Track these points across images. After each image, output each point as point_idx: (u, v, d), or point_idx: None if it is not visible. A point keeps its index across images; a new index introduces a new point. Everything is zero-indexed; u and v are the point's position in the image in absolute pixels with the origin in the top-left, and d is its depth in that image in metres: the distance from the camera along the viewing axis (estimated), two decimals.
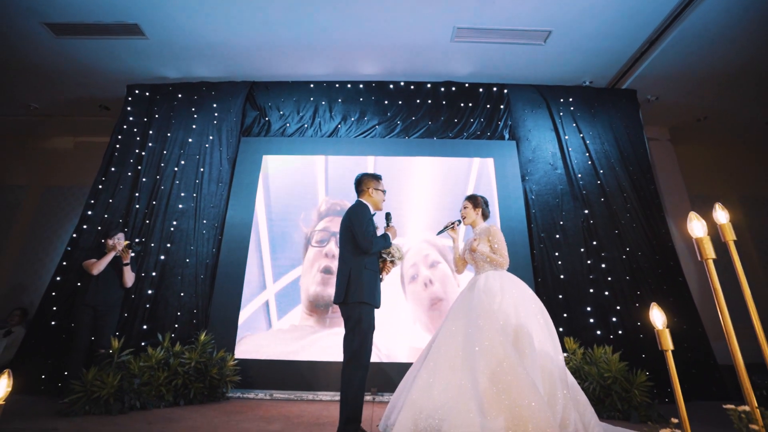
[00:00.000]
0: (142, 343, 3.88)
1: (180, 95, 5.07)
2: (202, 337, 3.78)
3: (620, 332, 4.03)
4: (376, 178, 2.64)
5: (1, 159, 6.53)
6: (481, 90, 5.13)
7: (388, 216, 2.65)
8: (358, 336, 2.23)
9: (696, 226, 1.14)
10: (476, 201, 2.78)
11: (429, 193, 4.73)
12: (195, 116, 4.95)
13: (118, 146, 4.81)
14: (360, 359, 2.21)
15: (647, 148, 5.00)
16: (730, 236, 1.12)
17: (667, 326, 1.21)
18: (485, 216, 2.80)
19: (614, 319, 4.10)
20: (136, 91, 5.12)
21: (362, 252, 2.35)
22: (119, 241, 3.76)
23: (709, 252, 1.08)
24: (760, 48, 4.54)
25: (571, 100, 5.09)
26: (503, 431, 1.83)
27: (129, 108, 5.03)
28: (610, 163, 4.78)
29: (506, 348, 2.07)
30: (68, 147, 6.68)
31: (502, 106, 5.10)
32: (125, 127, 4.93)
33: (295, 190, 4.73)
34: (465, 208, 2.79)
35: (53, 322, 4.04)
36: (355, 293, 2.26)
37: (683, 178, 6.06)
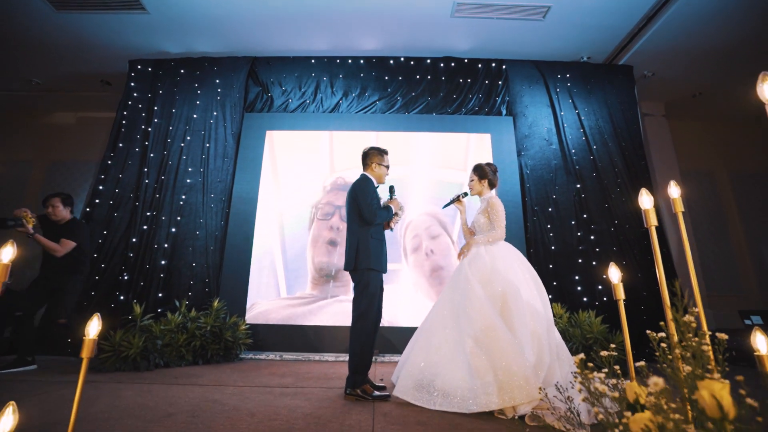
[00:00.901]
0: (158, 310, 4.17)
1: (182, 71, 5.12)
2: (215, 303, 4.06)
3: (605, 299, 4.33)
4: (382, 153, 2.78)
5: (5, 135, 6.60)
6: (480, 66, 5.20)
7: (391, 189, 2.81)
8: (366, 298, 2.48)
9: (645, 200, 1.34)
10: (482, 171, 2.83)
11: (429, 167, 4.90)
12: (198, 92, 5.03)
13: (124, 122, 4.91)
14: (367, 318, 2.47)
15: (640, 124, 5.13)
16: (679, 208, 1.33)
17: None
18: (492, 185, 2.84)
19: (600, 287, 4.39)
20: (139, 67, 5.16)
21: (367, 223, 2.55)
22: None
23: (653, 221, 1.29)
24: (756, 25, 4.60)
25: (568, 76, 5.17)
26: (489, 387, 2.03)
27: (132, 84, 5.09)
28: (604, 138, 4.93)
29: (490, 314, 2.27)
30: (71, 122, 6.74)
31: (500, 82, 5.18)
32: (130, 103, 5.01)
33: (301, 165, 4.89)
34: (471, 180, 2.86)
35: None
36: (364, 260, 2.49)
37: (675, 154, 6.23)
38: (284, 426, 1.80)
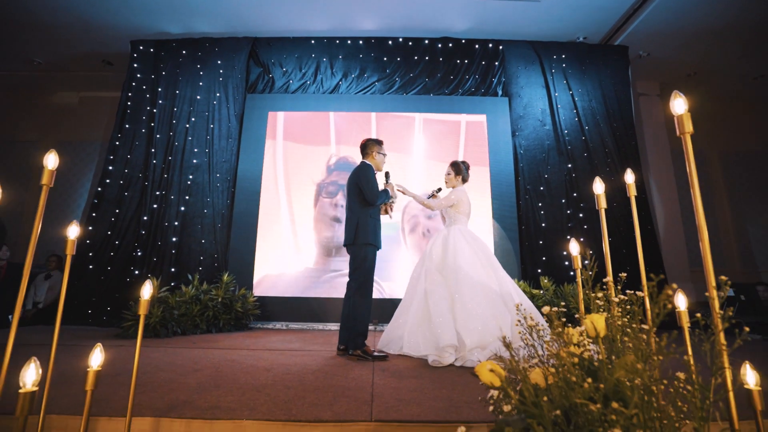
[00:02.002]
0: (172, 284, 4.44)
1: (184, 51, 5.19)
2: (225, 277, 4.33)
3: (590, 273, 4.60)
4: (379, 143, 3.06)
5: (10, 115, 6.69)
6: (477, 46, 5.27)
7: (387, 174, 3.09)
8: (365, 270, 2.76)
9: (597, 186, 1.55)
10: (458, 168, 3.20)
11: (426, 147, 5.07)
12: (201, 73, 5.12)
13: (129, 103, 5.03)
14: (365, 289, 2.76)
15: (632, 105, 5.27)
16: (632, 193, 1.54)
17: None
18: (464, 180, 3.23)
19: (586, 262, 4.65)
20: (141, 48, 5.23)
21: (368, 204, 2.83)
22: None
23: (602, 203, 1.50)
24: (750, 4, 4.67)
25: (563, 56, 5.26)
26: (447, 346, 2.50)
27: (135, 65, 5.18)
28: (596, 119, 5.08)
29: (442, 287, 2.78)
30: (73, 102, 6.81)
31: (496, 63, 5.28)
32: (134, 84, 5.11)
33: (303, 145, 5.06)
34: (448, 174, 3.23)
35: (90, 266, 4.56)
36: (363, 236, 2.77)
37: (667, 134, 6.38)
38: (296, 378, 2.08)
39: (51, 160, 1.20)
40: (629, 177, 1.51)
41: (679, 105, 1.02)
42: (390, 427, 1.40)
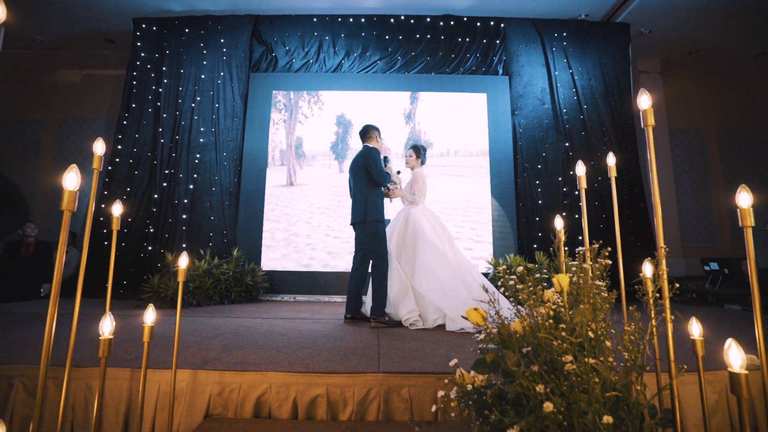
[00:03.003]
0: None
1: (187, 30, 5.21)
2: (235, 252, 4.55)
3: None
4: (378, 129, 3.25)
5: (14, 94, 6.73)
6: (478, 24, 5.28)
7: (386, 159, 3.31)
8: (381, 244, 2.99)
9: (579, 169, 1.71)
10: (419, 151, 3.43)
11: (426, 127, 5.18)
12: (204, 52, 5.16)
13: (135, 82, 5.10)
14: (384, 262, 2.98)
15: (631, 84, 5.32)
16: (612, 175, 1.70)
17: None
18: (423, 162, 3.46)
19: (579, 238, 4.86)
20: (143, 26, 5.24)
21: (375, 185, 3.03)
22: None
23: (583, 184, 1.66)
24: None
25: (564, 34, 5.27)
26: (408, 313, 2.87)
27: (139, 43, 5.20)
28: (594, 98, 5.15)
29: (398, 262, 3.09)
30: (75, 80, 6.84)
31: (498, 41, 5.30)
32: (138, 63, 5.16)
33: (311, 124, 5.18)
34: (410, 156, 3.44)
35: (105, 242, 4.77)
36: (372, 214, 2.98)
37: (666, 112, 6.45)
38: (310, 341, 2.31)
39: (99, 147, 1.34)
40: (610, 160, 1.67)
41: (644, 101, 1.17)
42: (395, 377, 1.63)
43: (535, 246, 4.88)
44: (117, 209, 1.54)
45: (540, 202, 4.98)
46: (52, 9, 5.25)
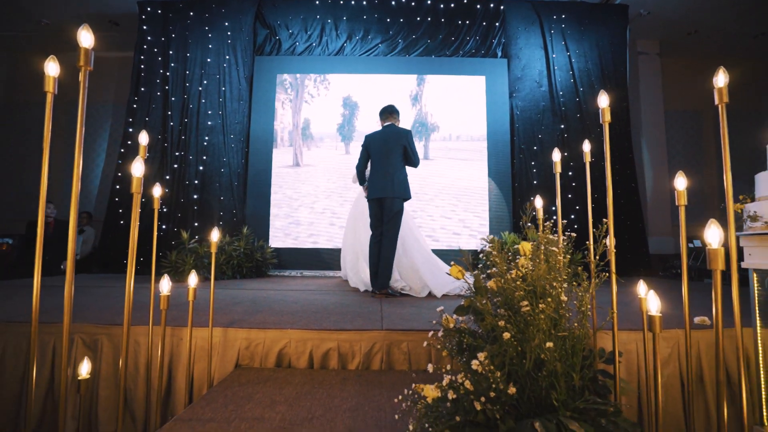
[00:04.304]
0: (196, 237, 4.93)
1: (192, 13, 5.30)
2: (245, 230, 4.82)
3: (576, 226, 5.07)
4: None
5: (21, 77, 6.86)
6: (478, 6, 5.35)
7: None
8: (398, 222, 3.17)
9: (555, 155, 1.92)
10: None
11: (433, 109, 5.36)
12: (209, 35, 5.27)
13: (142, 66, 5.24)
14: (396, 238, 3.19)
15: (627, 66, 5.43)
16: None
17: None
18: None
19: (572, 216, 5.11)
20: (148, 9, 5.33)
21: (411, 164, 3.21)
22: None
23: (558, 169, 1.88)
24: None
25: (563, 17, 5.35)
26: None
27: (144, 27, 5.31)
28: (591, 81, 5.28)
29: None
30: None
31: (497, 23, 5.38)
32: (145, 47, 5.28)
33: (318, 106, 5.35)
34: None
35: (122, 222, 5.03)
36: (399, 191, 3.12)
37: (663, 94, 6.56)
38: (320, 308, 2.60)
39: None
40: (603, 101, 1.58)
41: (602, 101, 1.39)
42: (396, 333, 1.91)
43: (529, 225, 5.11)
44: (157, 191, 1.77)
45: (535, 182, 5.20)
46: None
